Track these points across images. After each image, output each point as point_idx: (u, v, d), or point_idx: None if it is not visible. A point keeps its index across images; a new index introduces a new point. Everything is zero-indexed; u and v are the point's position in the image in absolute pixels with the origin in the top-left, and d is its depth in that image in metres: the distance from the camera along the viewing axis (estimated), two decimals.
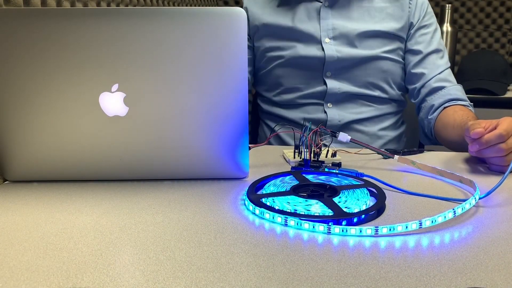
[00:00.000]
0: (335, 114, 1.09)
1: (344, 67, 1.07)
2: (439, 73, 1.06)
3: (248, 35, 1.14)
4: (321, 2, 1.07)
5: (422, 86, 1.07)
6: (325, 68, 1.07)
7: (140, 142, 0.64)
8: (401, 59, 1.09)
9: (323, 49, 1.06)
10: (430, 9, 1.10)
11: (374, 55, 1.05)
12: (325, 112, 1.09)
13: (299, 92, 1.10)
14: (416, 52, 1.08)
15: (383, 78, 1.08)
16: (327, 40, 1.06)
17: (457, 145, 0.90)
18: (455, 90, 1.05)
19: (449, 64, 1.09)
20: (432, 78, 1.06)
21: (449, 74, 1.07)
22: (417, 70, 1.08)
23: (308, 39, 1.07)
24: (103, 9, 0.61)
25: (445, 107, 1.02)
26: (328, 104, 1.09)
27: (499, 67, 1.78)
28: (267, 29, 1.10)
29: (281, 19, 1.08)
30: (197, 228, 0.52)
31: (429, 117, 1.05)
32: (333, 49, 1.05)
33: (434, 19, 1.10)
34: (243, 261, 0.44)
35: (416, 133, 1.19)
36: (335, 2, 1.07)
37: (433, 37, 1.08)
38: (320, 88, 1.08)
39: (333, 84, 1.07)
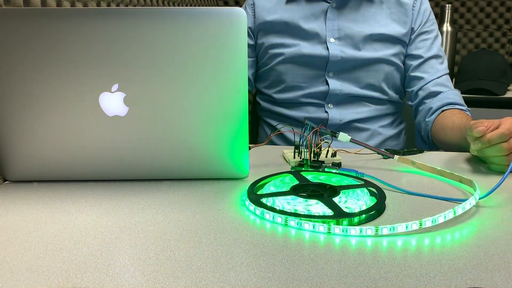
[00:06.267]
0: (336, 113, 1.09)
1: (347, 68, 1.07)
2: (437, 78, 1.07)
3: (252, 32, 1.15)
4: (329, 3, 1.08)
5: (420, 89, 1.08)
6: (327, 67, 1.07)
7: (140, 142, 0.64)
8: (401, 64, 1.11)
9: (327, 49, 1.06)
10: (432, 17, 1.12)
11: (377, 57, 1.06)
12: (326, 112, 1.09)
13: (301, 91, 1.10)
14: (416, 57, 1.09)
15: (384, 80, 1.09)
16: (332, 40, 1.07)
17: (455, 147, 0.90)
18: (453, 94, 1.06)
19: (448, 71, 1.10)
20: (430, 81, 1.07)
21: (447, 80, 1.09)
22: (416, 73, 1.09)
23: (313, 38, 1.07)
24: (103, 9, 0.61)
25: (443, 110, 1.02)
26: (329, 105, 1.09)
27: (499, 67, 1.78)
28: (273, 25, 1.11)
29: (288, 16, 1.09)
30: (197, 228, 0.52)
31: (426, 120, 1.06)
32: (337, 49, 1.06)
33: (435, 27, 1.12)
34: (243, 261, 0.44)
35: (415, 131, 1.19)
36: (343, 4, 1.08)
37: (433, 43, 1.10)
38: (322, 88, 1.09)
39: (335, 85, 1.08)
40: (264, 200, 0.57)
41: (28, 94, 0.62)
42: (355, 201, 0.57)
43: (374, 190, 0.61)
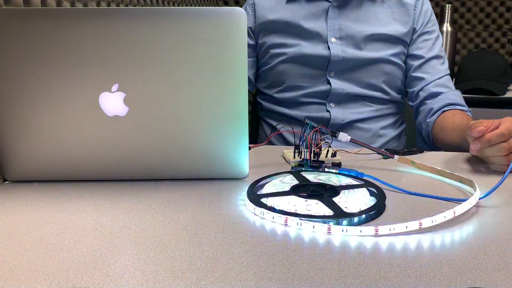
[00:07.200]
0: (338, 113, 1.09)
1: (348, 68, 1.07)
2: (438, 78, 1.07)
3: (252, 31, 1.15)
4: (330, 2, 1.08)
5: (421, 90, 1.08)
6: (329, 67, 1.07)
7: (140, 142, 0.64)
8: (403, 63, 1.11)
9: (329, 48, 1.06)
10: (434, 17, 1.12)
11: (378, 57, 1.06)
12: (328, 111, 1.09)
13: (302, 91, 1.10)
14: (417, 57, 1.09)
15: (385, 80, 1.09)
16: (333, 39, 1.06)
17: (456, 148, 0.90)
18: (454, 95, 1.06)
19: (448, 71, 1.10)
20: (431, 82, 1.07)
21: (448, 81, 1.09)
22: (417, 74, 1.09)
23: (314, 38, 1.07)
24: (103, 9, 0.61)
25: (444, 111, 1.03)
26: (331, 104, 1.09)
27: (499, 67, 1.78)
28: (273, 25, 1.10)
29: (289, 15, 1.09)
30: (197, 228, 0.52)
31: (427, 120, 1.06)
32: (338, 49, 1.06)
33: (436, 27, 1.12)
34: (243, 261, 0.44)
35: (415, 132, 1.19)
36: (344, 3, 1.08)
37: (435, 44, 1.10)
38: (323, 87, 1.08)
39: (337, 85, 1.08)
40: (264, 200, 0.57)
41: (28, 94, 0.62)
42: (355, 201, 0.57)
43: (374, 190, 0.61)
